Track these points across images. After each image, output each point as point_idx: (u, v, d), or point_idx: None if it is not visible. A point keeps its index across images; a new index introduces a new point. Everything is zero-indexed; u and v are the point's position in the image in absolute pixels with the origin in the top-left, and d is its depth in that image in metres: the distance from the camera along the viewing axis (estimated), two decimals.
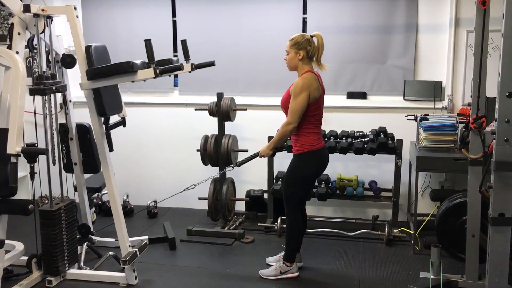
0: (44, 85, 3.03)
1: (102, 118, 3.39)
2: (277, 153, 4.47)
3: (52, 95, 3.35)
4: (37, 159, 2.90)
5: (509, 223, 2.54)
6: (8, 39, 3.06)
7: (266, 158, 4.32)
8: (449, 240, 3.52)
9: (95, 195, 4.74)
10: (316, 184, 4.44)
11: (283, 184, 3.45)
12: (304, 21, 4.63)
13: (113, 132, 3.56)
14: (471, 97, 2.97)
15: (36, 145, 2.94)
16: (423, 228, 4.01)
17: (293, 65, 3.24)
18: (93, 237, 3.90)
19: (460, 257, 3.46)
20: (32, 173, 2.94)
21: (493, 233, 2.57)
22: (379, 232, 4.13)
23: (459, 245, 3.38)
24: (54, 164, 3.37)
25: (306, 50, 3.17)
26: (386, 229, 4.04)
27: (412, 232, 3.99)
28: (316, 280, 3.45)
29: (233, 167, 3.81)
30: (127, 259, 3.25)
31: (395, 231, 4.14)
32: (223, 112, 4.31)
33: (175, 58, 3.60)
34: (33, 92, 3.02)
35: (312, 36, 3.21)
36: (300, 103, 3.11)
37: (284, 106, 3.27)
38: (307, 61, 3.21)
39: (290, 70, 3.29)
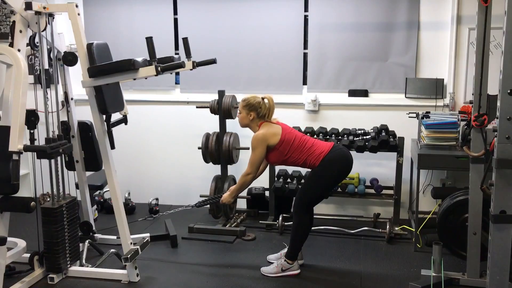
0: (51, 148, 3.00)
1: (104, 116, 3.39)
2: None
3: (53, 92, 3.35)
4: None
5: (511, 221, 2.54)
6: (10, 37, 3.06)
7: None
8: (450, 238, 3.53)
9: (97, 192, 4.74)
10: None
11: (302, 187, 3.49)
12: (306, 19, 4.62)
13: (114, 130, 3.56)
14: (472, 94, 2.97)
15: (36, 111, 2.97)
16: (424, 225, 4.01)
17: (245, 124, 3.45)
18: (95, 234, 3.91)
19: (461, 254, 3.46)
20: (32, 140, 2.98)
21: (494, 231, 2.56)
22: (380, 230, 4.14)
23: (461, 242, 3.39)
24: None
25: (257, 112, 3.37)
26: (388, 226, 4.05)
27: (414, 230, 3.99)
28: (317, 277, 3.45)
29: (192, 207, 3.88)
30: (128, 256, 3.25)
31: (396, 228, 4.14)
32: (224, 110, 4.31)
33: (176, 56, 3.60)
34: (40, 156, 3.00)
35: (263, 98, 3.37)
36: (257, 155, 3.32)
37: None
38: (257, 120, 3.39)
39: (242, 127, 3.50)
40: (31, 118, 2.98)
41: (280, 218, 4.26)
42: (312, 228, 4.08)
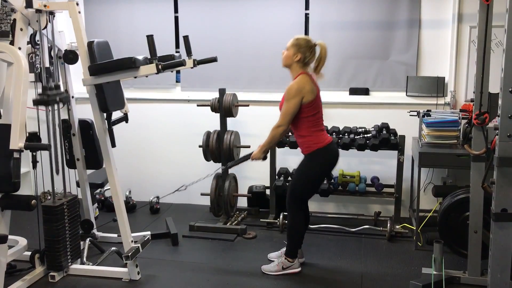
0: (47, 96, 3.03)
1: (105, 114, 3.39)
2: (279, 149, 4.50)
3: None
4: (40, 156, 2.93)
5: None
6: (10, 35, 3.06)
7: (269, 155, 4.32)
8: (451, 236, 3.52)
9: (98, 190, 4.74)
10: None
11: (291, 181, 3.47)
12: (307, 17, 4.62)
13: (115, 128, 3.56)
14: (474, 93, 2.97)
15: (38, 134, 2.95)
16: (425, 224, 4.01)
17: (287, 64, 3.25)
18: (96, 232, 3.91)
19: (462, 253, 3.46)
20: (35, 162, 2.96)
21: (496, 229, 2.56)
22: (381, 228, 4.14)
23: (462, 241, 3.38)
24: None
25: (304, 55, 3.18)
26: (388, 225, 4.05)
27: (414, 228, 3.99)
28: (318, 275, 3.46)
29: (224, 168, 3.78)
30: (129, 254, 3.26)
31: (397, 227, 4.14)
32: (225, 108, 4.31)
33: (177, 54, 3.60)
34: (36, 102, 3.02)
35: (315, 44, 3.19)
36: (292, 106, 3.14)
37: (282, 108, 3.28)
38: (301, 65, 3.21)
39: (283, 66, 3.29)
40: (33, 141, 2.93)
41: (281, 216, 4.26)
42: (313, 226, 4.11)
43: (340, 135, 4.28)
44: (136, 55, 3.07)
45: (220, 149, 4.36)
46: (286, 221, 4.13)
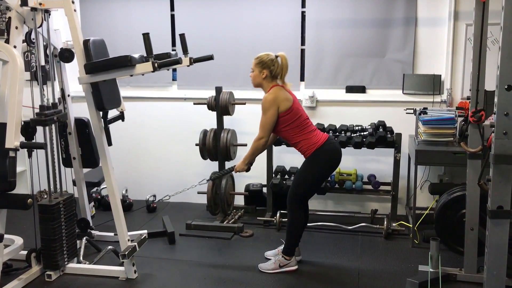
0: (45, 115, 3.01)
1: (101, 113, 3.38)
2: (275, 147, 4.50)
3: (49, 89, 3.34)
4: (36, 155, 2.92)
5: (508, 216, 2.54)
6: (5, 33, 3.04)
7: (265, 153, 4.33)
8: (447, 234, 3.53)
9: (94, 189, 4.74)
10: None
11: (293, 182, 3.48)
12: (303, 15, 4.62)
13: (111, 127, 3.56)
14: (470, 90, 2.97)
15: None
16: (422, 221, 4.02)
17: (257, 83, 3.35)
18: (92, 231, 3.90)
19: (458, 250, 3.47)
20: (30, 151, 2.97)
21: (492, 226, 2.57)
22: (378, 226, 4.14)
23: (458, 238, 3.40)
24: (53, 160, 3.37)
25: (270, 70, 3.28)
26: (385, 222, 4.05)
27: (411, 226, 3.99)
28: (315, 273, 3.46)
29: (207, 181, 3.86)
30: (126, 253, 3.25)
31: (394, 224, 4.15)
32: (222, 106, 4.31)
33: (173, 52, 3.59)
34: (34, 123, 3.00)
35: (276, 56, 3.31)
36: (269, 117, 3.22)
37: None
38: (270, 80, 3.31)
39: (255, 87, 3.41)
40: (29, 130, 2.91)
41: (278, 215, 4.26)
42: (310, 224, 4.10)
43: (337, 133, 4.28)
44: (132, 53, 3.06)
45: (217, 147, 4.36)
46: (285, 220, 4.15)
